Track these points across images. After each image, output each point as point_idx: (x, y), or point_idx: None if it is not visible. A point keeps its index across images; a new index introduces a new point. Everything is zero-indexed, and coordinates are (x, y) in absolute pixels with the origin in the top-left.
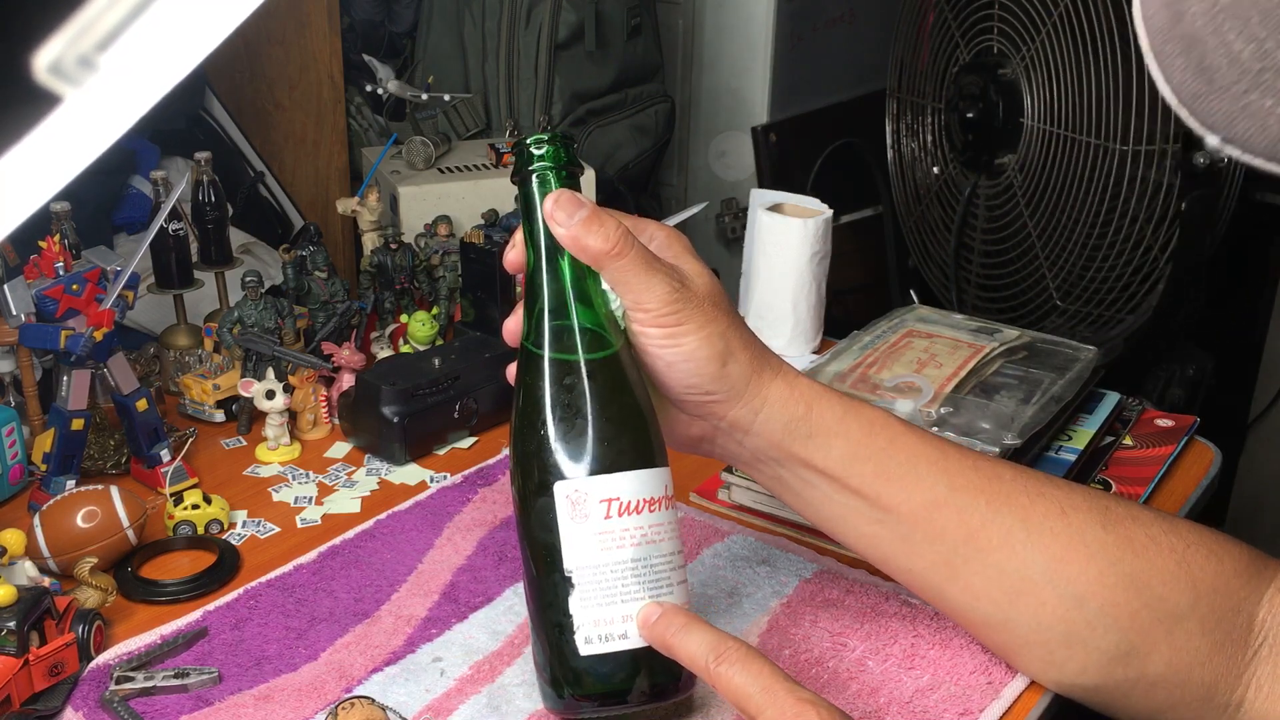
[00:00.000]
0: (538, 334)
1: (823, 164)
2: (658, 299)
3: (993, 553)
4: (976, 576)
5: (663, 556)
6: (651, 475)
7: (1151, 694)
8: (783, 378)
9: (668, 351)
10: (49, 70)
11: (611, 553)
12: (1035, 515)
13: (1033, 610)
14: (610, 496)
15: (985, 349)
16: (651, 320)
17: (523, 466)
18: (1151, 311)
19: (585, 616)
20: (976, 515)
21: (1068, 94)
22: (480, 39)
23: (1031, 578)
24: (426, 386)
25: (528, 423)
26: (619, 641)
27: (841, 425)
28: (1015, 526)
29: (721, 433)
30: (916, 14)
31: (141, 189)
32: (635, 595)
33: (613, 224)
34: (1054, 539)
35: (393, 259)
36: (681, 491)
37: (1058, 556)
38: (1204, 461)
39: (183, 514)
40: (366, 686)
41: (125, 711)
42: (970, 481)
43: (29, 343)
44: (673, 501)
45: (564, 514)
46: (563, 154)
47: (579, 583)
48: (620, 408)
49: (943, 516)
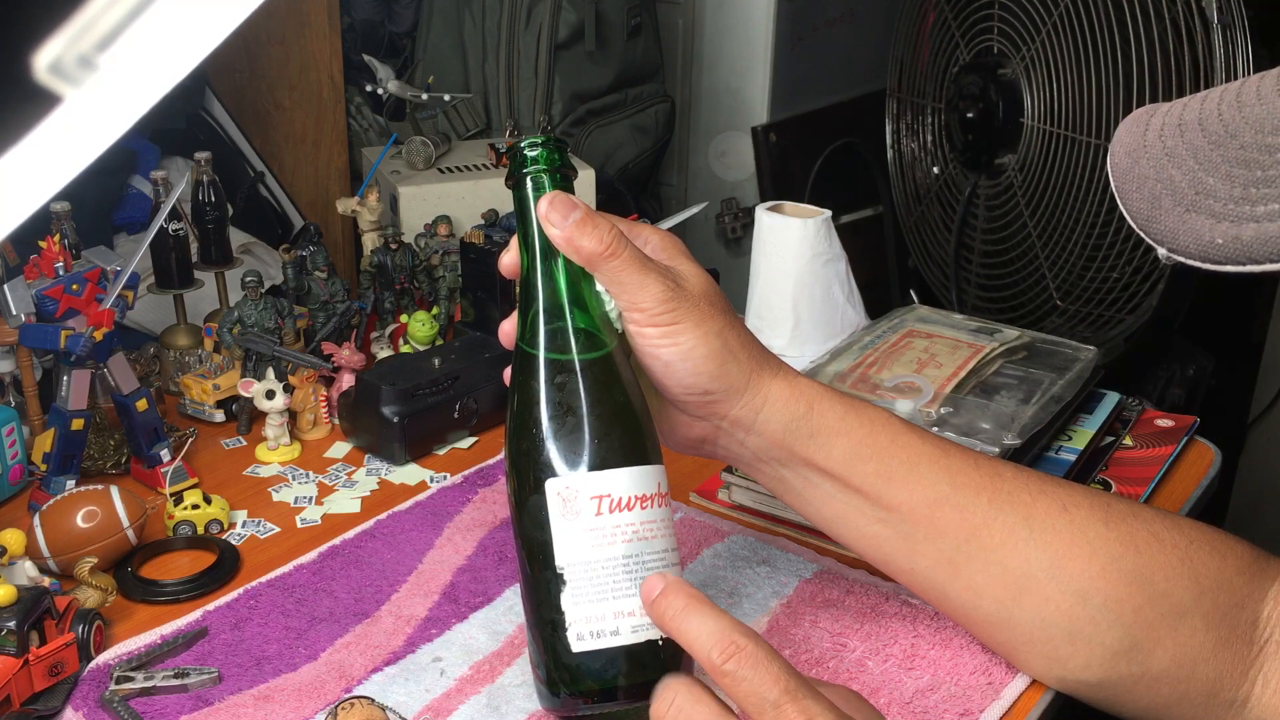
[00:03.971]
0: (531, 334)
1: (823, 164)
2: (653, 298)
3: (995, 550)
4: (979, 574)
5: (655, 554)
6: (643, 472)
7: (1155, 690)
8: (783, 377)
9: (665, 351)
10: (49, 70)
11: (602, 549)
12: (1038, 512)
13: (1036, 607)
14: (601, 493)
15: (985, 349)
16: (647, 320)
17: (516, 465)
18: (1151, 311)
19: (577, 613)
20: (979, 513)
21: (1068, 94)
22: (480, 39)
23: (1034, 574)
24: (426, 386)
25: (520, 422)
26: (610, 638)
27: (843, 424)
28: (1018, 524)
29: (723, 433)
30: (916, 14)
31: (141, 189)
32: (627, 592)
33: (606, 225)
34: (1057, 536)
35: (393, 259)
36: (681, 491)
37: (1061, 553)
38: (1204, 461)
39: (183, 514)
40: (366, 686)
41: (125, 711)
42: (972, 480)
43: (29, 343)
44: (666, 499)
45: (555, 511)
46: (556, 157)
47: (570, 579)
48: (612, 406)
49: (945, 515)
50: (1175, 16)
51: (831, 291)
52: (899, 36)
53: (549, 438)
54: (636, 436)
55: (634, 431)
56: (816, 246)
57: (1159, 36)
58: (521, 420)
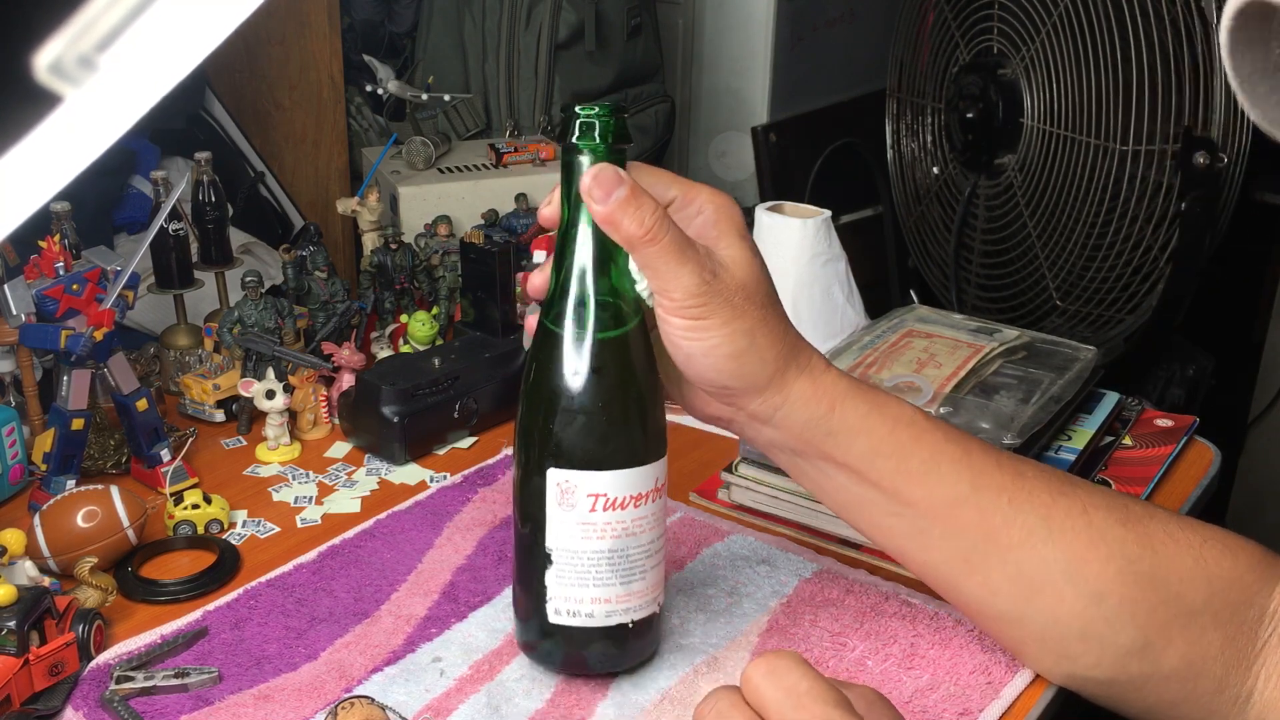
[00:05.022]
0: (556, 314)
1: (823, 164)
2: (684, 290)
3: (1013, 550)
4: (995, 573)
5: (640, 547)
6: (642, 472)
7: (1165, 687)
8: (808, 375)
9: (688, 344)
10: (49, 70)
11: (591, 542)
12: (1057, 514)
13: (1050, 607)
14: (598, 492)
15: (985, 349)
16: (675, 310)
17: (524, 438)
18: (1151, 311)
19: (558, 591)
20: (998, 514)
21: (1068, 94)
22: (480, 39)
23: (1051, 576)
24: (426, 386)
25: (534, 402)
26: (585, 619)
27: (865, 423)
28: (1037, 525)
29: (740, 420)
30: (916, 14)
31: (142, 189)
32: (607, 581)
33: (650, 207)
34: (1075, 537)
35: (393, 259)
36: (681, 491)
37: (1078, 555)
38: (1204, 461)
39: (183, 514)
40: (366, 686)
41: (125, 711)
42: (994, 480)
43: (29, 343)
44: (661, 490)
45: (552, 498)
46: (610, 126)
47: (557, 561)
48: (622, 406)
49: (964, 513)
50: (1175, 16)
51: (831, 292)
52: (899, 36)
53: (557, 427)
54: (642, 435)
55: (640, 430)
56: (816, 246)
57: (1159, 36)
58: (534, 399)
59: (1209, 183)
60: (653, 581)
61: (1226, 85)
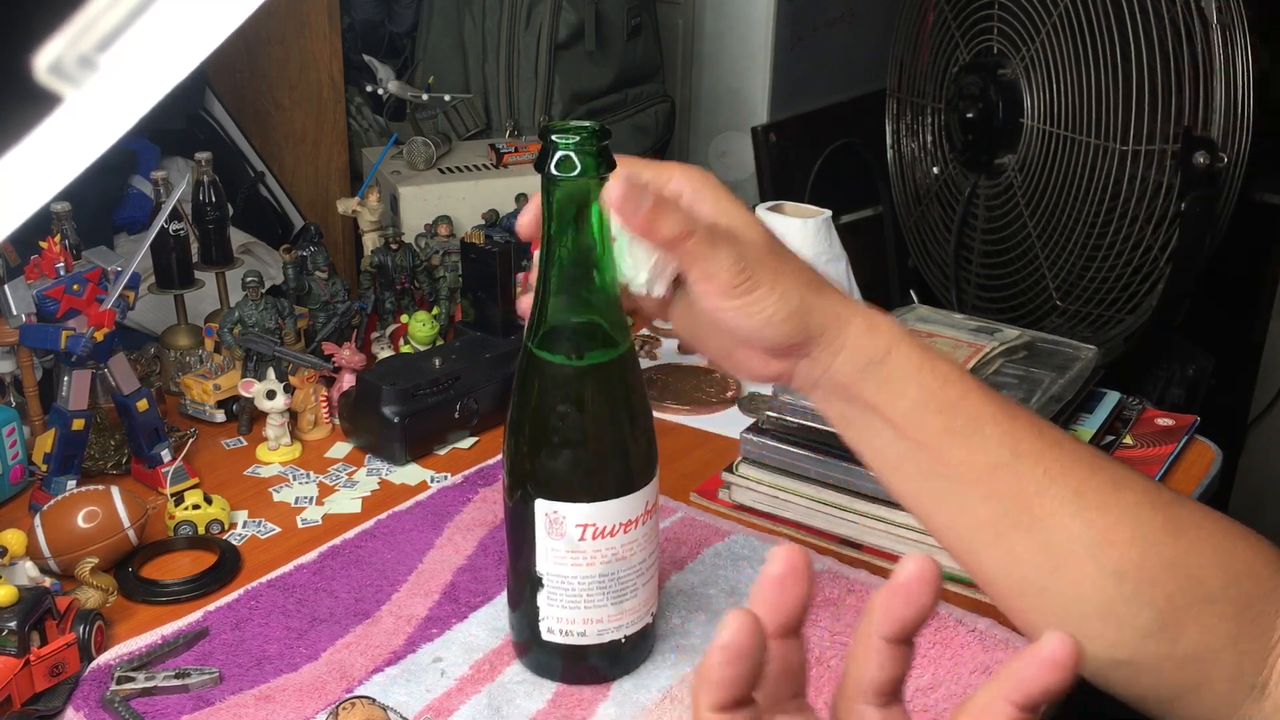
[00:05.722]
0: (541, 339)
1: (823, 164)
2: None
3: (1042, 520)
4: (1020, 543)
5: (631, 569)
6: (631, 500)
7: (1181, 671)
8: (862, 316)
9: (748, 320)
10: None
11: (581, 569)
12: (1090, 489)
13: (1072, 581)
14: (587, 522)
15: (985, 349)
16: (723, 292)
17: (511, 466)
18: (1151, 311)
19: (550, 612)
20: (1033, 483)
21: (1068, 94)
22: (480, 39)
23: (1075, 550)
24: (427, 386)
25: (520, 430)
26: (578, 638)
27: (919, 374)
28: (1068, 498)
29: (799, 373)
30: (916, 14)
31: (142, 189)
32: (598, 603)
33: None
34: (1103, 514)
35: (393, 259)
36: (681, 491)
37: (1105, 532)
38: (1204, 461)
39: (183, 514)
40: (367, 686)
41: (126, 711)
42: (1034, 448)
43: (29, 343)
44: (652, 512)
45: (541, 528)
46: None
47: (548, 585)
48: (609, 436)
49: (1000, 479)
50: (1175, 16)
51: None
52: (899, 36)
53: (544, 459)
54: (630, 462)
55: (628, 458)
56: (816, 246)
57: (1159, 36)
58: (521, 428)
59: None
60: (645, 598)
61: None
